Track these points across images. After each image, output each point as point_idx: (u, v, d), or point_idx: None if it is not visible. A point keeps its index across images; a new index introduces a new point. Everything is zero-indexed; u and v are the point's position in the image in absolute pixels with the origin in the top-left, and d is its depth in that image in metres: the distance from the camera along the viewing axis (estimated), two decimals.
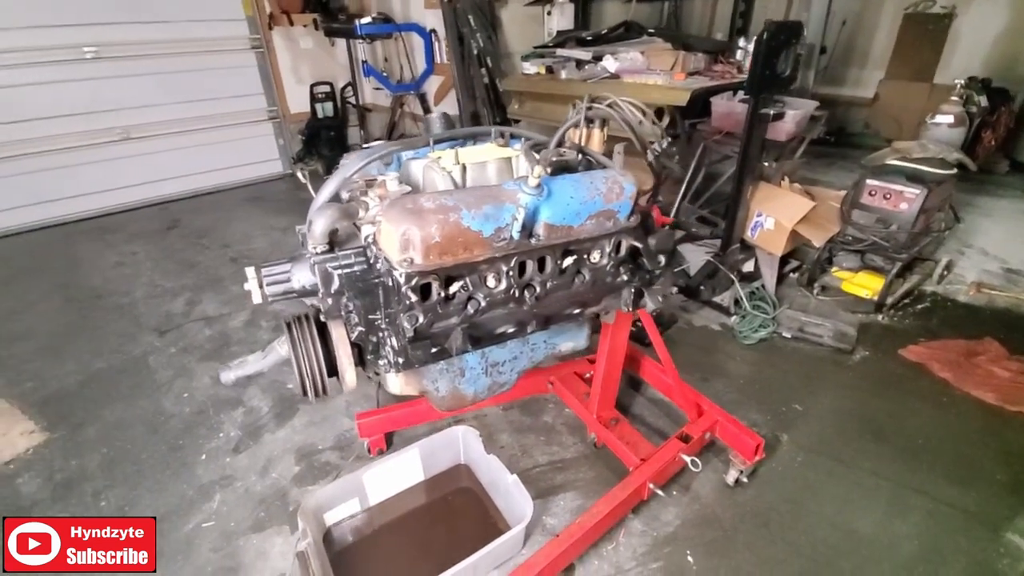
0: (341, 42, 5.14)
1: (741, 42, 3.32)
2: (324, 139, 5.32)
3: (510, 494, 1.70)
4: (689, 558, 1.64)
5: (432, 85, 4.98)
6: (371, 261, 1.04)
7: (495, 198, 0.99)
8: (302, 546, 1.52)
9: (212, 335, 2.83)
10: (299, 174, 1.20)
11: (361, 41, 4.89)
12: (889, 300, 2.73)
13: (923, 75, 4.70)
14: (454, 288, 1.02)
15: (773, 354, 2.56)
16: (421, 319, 1.02)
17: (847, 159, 4.99)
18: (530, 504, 1.60)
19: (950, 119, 2.59)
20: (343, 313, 1.14)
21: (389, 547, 1.74)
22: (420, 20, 4.75)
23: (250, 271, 1.09)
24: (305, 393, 1.17)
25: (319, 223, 1.01)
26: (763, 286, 2.90)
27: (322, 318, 1.15)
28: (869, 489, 1.85)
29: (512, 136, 1.41)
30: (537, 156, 1.15)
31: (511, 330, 1.25)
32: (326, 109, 5.30)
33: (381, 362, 1.19)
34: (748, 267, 3.05)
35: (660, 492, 1.68)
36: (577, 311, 1.36)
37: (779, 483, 1.88)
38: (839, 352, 2.52)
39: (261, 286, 1.08)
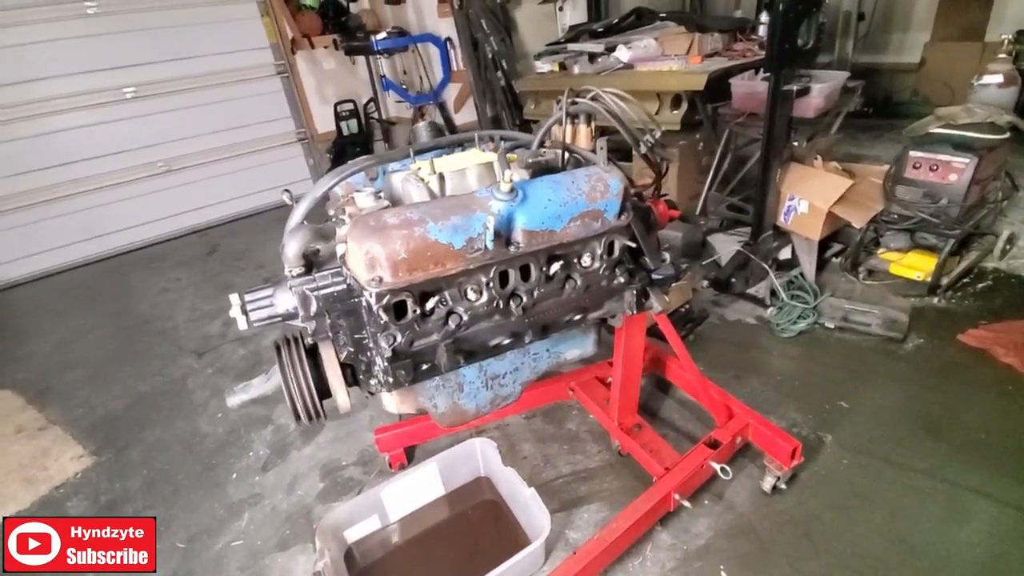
0: (362, 59, 5.24)
1: (763, 17, 3.13)
2: (351, 155, 5.42)
3: (529, 508, 1.65)
4: (723, 573, 1.53)
5: (451, 93, 5.00)
6: (347, 281, 1.02)
7: (465, 208, 0.94)
8: (319, 566, 1.52)
9: (246, 355, 2.92)
10: (284, 197, 1.19)
11: (379, 56, 4.97)
12: (944, 281, 2.49)
13: (973, 34, 4.32)
14: (431, 304, 0.98)
15: (814, 347, 2.38)
16: (399, 338, 0.98)
17: (895, 130, 4.63)
18: (547, 518, 1.54)
19: (999, 78, 2.33)
20: (331, 334, 1.12)
21: (410, 563, 1.73)
22: (435, 30, 4.78)
23: (234, 298, 1.09)
24: (298, 418, 1.15)
25: (291, 246, 0.99)
26: (802, 274, 2.72)
27: (309, 340, 1.14)
28: (924, 493, 1.68)
29: (502, 139, 1.36)
30: (514, 159, 1.10)
31: (506, 341, 1.20)
32: (351, 126, 5.41)
33: (372, 381, 1.16)
34: (785, 254, 2.87)
35: (686, 503, 1.58)
36: (578, 317, 1.29)
37: (822, 489, 1.73)
38: (889, 341, 2.32)
39: (245, 312, 1.08)
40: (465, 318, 1.03)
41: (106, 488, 2.15)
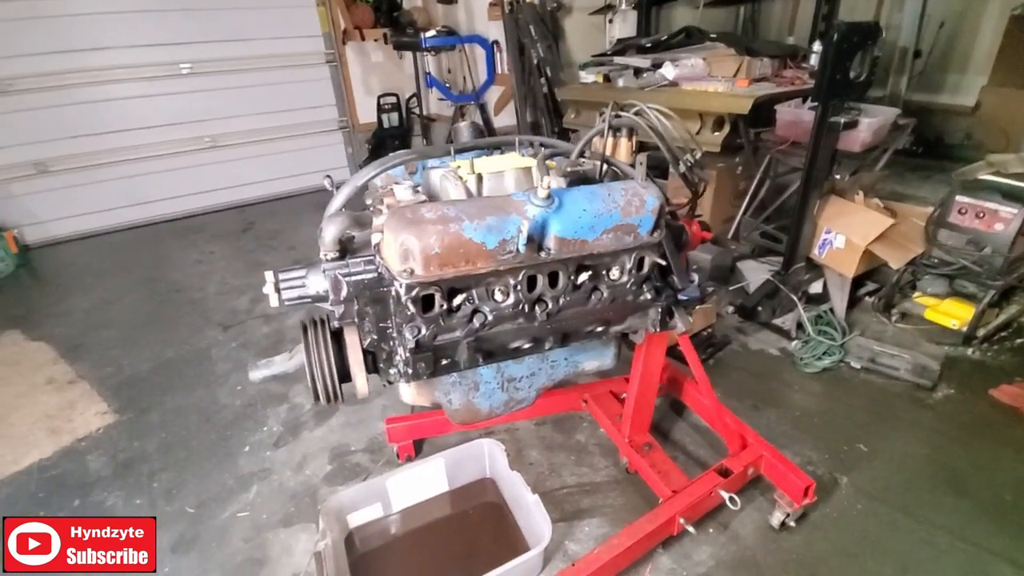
0: (408, 54, 5.32)
1: (815, 46, 3.08)
2: (390, 148, 5.51)
3: (531, 514, 1.64)
4: None
5: (493, 95, 5.04)
6: (379, 270, 1.04)
7: (500, 209, 0.96)
8: (320, 546, 1.54)
9: (269, 332, 2.99)
10: (325, 182, 1.23)
11: (427, 53, 5.04)
12: (981, 332, 2.41)
13: None
14: (458, 300, 0.99)
15: (838, 386, 2.33)
16: (423, 331, 1.00)
17: (945, 172, 4.49)
18: (549, 527, 1.53)
19: None
20: (356, 320, 1.15)
21: (408, 556, 1.74)
22: (483, 32, 4.83)
23: (268, 275, 1.12)
24: (317, 398, 1.18)
25: (328, 230, 1.02)
26: (831, 310, 2.66)
27: (336, 323, 1.16)
28: (941, 550, 1.62)
29: (542, 146, 1.37)
30: (553, 166, 1.10)
31: (526, 346, 1.20)
32: (392, 119, 5.50)
33: (392, 371, 1.18)
34: (816, 288, 2.81)
35: (691, 529, 1.55)
36: (600, 329, 1.29)
37: (833, 531, 1.69)
38: (917, 388, 2.25)
39: (278, 290, 1.11)
40: (490, 318, 1.04)
41: (125, 446, 2.22)
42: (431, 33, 4.77)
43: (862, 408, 2.19)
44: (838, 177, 2.59)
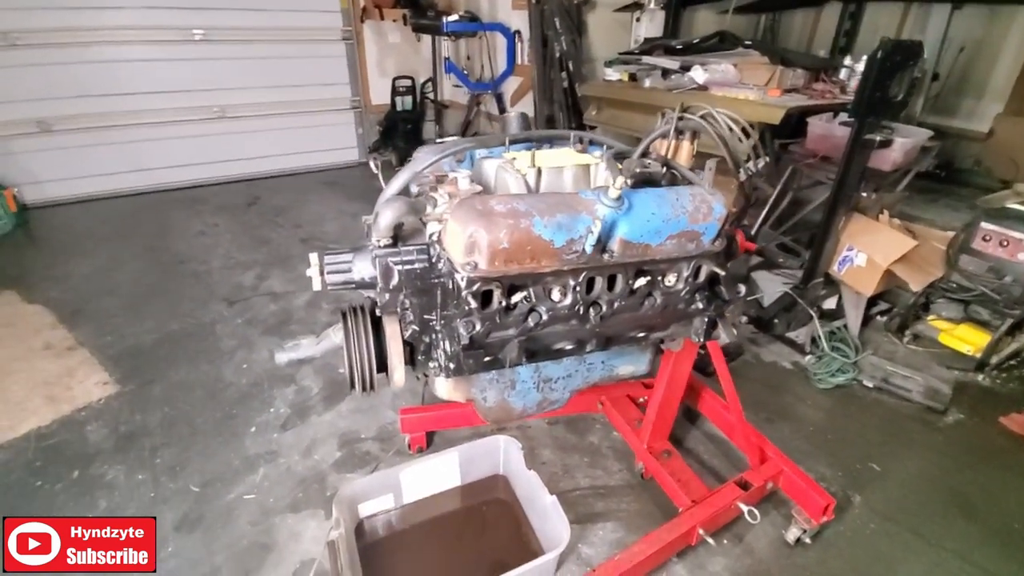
0: (427, 38, 5.24)
1: (847, 60, 3.07)
2: (400, 131, 5.44)
3: (547, 515, 1.62)
4: None
5: (510, 86, 4.97)
6: (433, 260, 1.00)
7: (571, 207, 0.92)
8: (334, 535, 1.51)
9: (276, 310, 2.93)
10: (372, 164, 1.18)
11: (446, 38, 4.96)
12: (994, 359, 2.42)
13: None
14: (516, 298, 0.96)
15: (851, 403, 2.33)
16: (478, 327, 0.96)
17: (952, 196, 4.53)
18: (567, 530, 1.51)
19: None
20: (399, 310, 1.11)
21: (418, 549, 1.71)
22: (506, 20, 4.75)
23: (313, 257, 1.08)
24: (353, 386, 1.14)
25: (385, 216, 0.98)
26: (845, 326, 2.65)
27: (378, 312, 1.13)
28: (952, 574, 1.62)
29: (591, 143, 1.34)
30: (619, 166, 1.07)
31: (569, 347, 1.17)
32: (405, 102, 5.41)
33: (431, 364, 1.14)
34: (829, 304, 2.81)
35: (710, 540, 1.54)
36: (642, 335, 1.27)
37: (847, 550, 1.69)
38: (928, 411, 2.26)
39: (322, 273, 1.07)
40: (544, 318, 1.00)
41: (127, 419, 2.17)
42: (453, 18, 4.68)
43: (874, 427, 2.20)
44: (864, 195, 2.58)
